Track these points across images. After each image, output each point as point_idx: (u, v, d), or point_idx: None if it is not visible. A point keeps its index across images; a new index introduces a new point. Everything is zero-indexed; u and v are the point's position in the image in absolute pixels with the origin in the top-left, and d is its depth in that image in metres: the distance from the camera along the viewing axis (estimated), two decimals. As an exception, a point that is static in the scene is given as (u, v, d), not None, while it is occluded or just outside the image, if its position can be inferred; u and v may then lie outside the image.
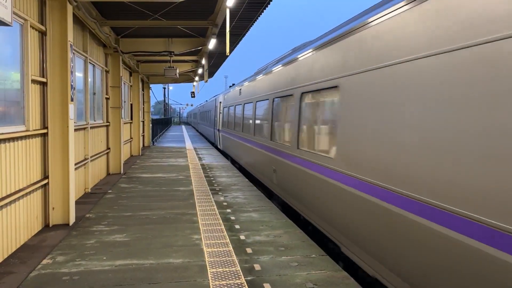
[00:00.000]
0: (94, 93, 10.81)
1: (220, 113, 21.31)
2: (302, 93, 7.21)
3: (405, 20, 4.09)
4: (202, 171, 13.10)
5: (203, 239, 5.98)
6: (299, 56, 7.66)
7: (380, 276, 4.41)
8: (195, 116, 59.26)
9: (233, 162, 16.73)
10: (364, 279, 5.26)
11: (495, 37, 2.94)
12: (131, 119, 17.84)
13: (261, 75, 11.41)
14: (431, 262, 3.53)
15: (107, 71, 12.31)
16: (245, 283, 4.44)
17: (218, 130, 21.60)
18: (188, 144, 24.80)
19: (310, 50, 6.99)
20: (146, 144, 23.33)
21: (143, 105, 22.44)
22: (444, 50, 3.46)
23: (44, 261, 5.06)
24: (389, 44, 4.33)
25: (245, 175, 13.90)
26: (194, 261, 5.09)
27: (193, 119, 66.62)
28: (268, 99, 10.05)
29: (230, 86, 21.48)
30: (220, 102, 21.28)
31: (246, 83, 13.90)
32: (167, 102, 64.23)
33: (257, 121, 11.35)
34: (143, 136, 22.43)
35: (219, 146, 21.85)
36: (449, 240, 3.28)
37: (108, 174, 12.47)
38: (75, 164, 8.08)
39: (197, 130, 47.35)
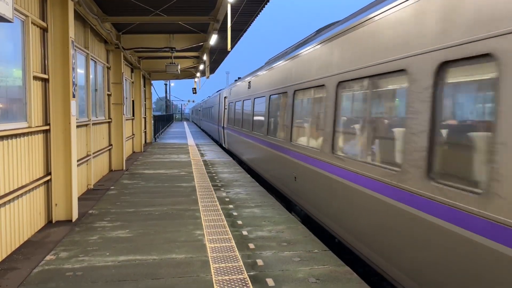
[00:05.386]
0: (96, 90, 10.81)
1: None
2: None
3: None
4: (204, 167, 13.11)
5: (205, 235, 5.99)
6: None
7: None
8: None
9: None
10: (367, 274, 5.27)
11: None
12: (133, 115, 17.85)
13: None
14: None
15: (108, 68, 12.31)
16: (248, 278, 4.45)
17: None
18: (190, 141, 24.82)
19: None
20: (148, 141, 23.35)
21: (145, 101, 22.44)
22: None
23: (48, 257, 5.08)
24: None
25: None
26: (197, 257, 5.10)
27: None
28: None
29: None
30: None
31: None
32: (168, 98, 64.24)
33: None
34: (145, 132, 22.45)
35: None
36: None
37: (110, 170, 12.49)
38: (78, 161, 8.10)
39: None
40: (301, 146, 7.21)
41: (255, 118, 11.94)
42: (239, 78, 18.37)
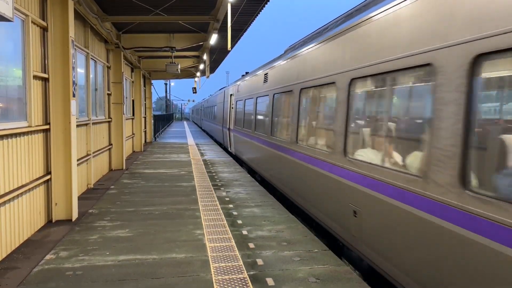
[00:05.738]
0: (96, 89, 10.81)
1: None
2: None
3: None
4: (204, 166, 13.11)
5: (205, 234, 5.99)
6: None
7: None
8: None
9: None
10: (367, 273, 5.27)
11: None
12: (133, 115, 17.85)
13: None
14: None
15: (108, 67, 12.31)
16: (248, 278, 4.45)
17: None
18: (190, 140, 24.82)
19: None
20: (148, 140, 23.35)
21: (145, 101, 22.44)
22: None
23: (48, 257, 5.08)
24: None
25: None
26: (197, 256, 5.10)
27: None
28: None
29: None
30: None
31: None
32: (168, 98, 64.26)
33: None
34: (145, 132, 22.45)
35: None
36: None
37: (110, 170, 12.49)
38: (78, 160, 8.10)
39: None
40: (369, 165, 4.61)
41: (275, 119, 9.51)
42: (247, 73, 16.03)
